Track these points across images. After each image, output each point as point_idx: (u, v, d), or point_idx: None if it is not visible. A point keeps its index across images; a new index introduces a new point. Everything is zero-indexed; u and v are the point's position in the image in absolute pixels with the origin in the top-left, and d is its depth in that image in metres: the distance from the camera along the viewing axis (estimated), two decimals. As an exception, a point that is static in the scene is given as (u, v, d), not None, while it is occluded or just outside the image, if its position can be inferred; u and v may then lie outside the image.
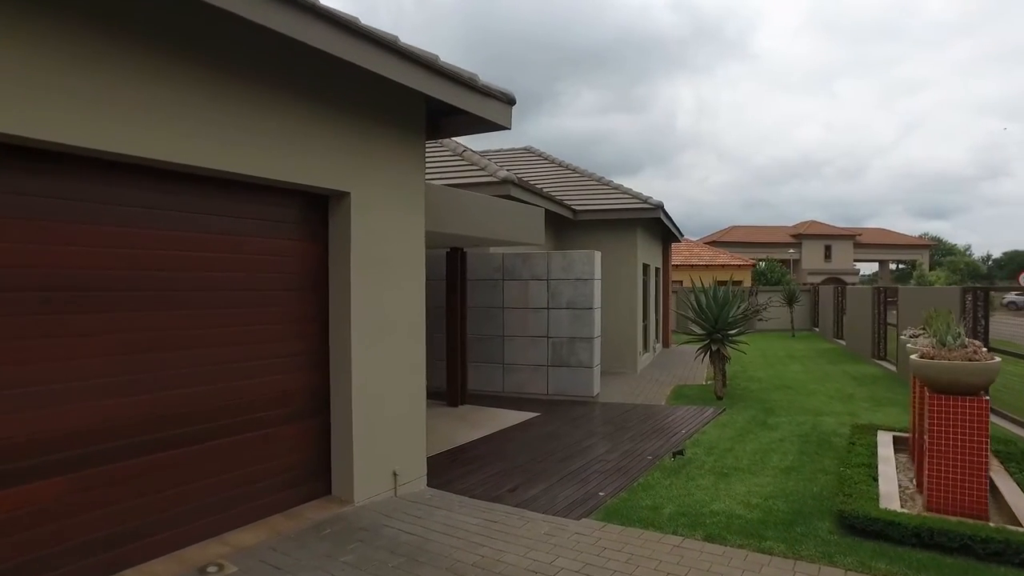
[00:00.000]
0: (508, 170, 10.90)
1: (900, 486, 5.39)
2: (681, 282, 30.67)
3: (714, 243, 47.12)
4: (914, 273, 54.71)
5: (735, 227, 58.84)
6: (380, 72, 4.44)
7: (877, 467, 5.74)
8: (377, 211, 5.19)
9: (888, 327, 15.04)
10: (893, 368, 13.47)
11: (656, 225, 16.74)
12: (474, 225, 7.32)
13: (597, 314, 10.34)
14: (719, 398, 10.49)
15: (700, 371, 14.27)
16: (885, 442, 6.68)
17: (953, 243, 72.62)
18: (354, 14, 4.18)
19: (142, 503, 3.89)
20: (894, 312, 15.20)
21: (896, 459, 6.18)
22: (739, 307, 11.02)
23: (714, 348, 10.56)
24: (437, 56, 4.91)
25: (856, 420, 8.54)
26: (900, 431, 7.20)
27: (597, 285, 10.32)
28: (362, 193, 5.02)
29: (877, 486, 5.25)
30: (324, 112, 4.68)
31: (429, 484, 5.79)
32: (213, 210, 4.29)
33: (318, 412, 5.05)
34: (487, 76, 5.31)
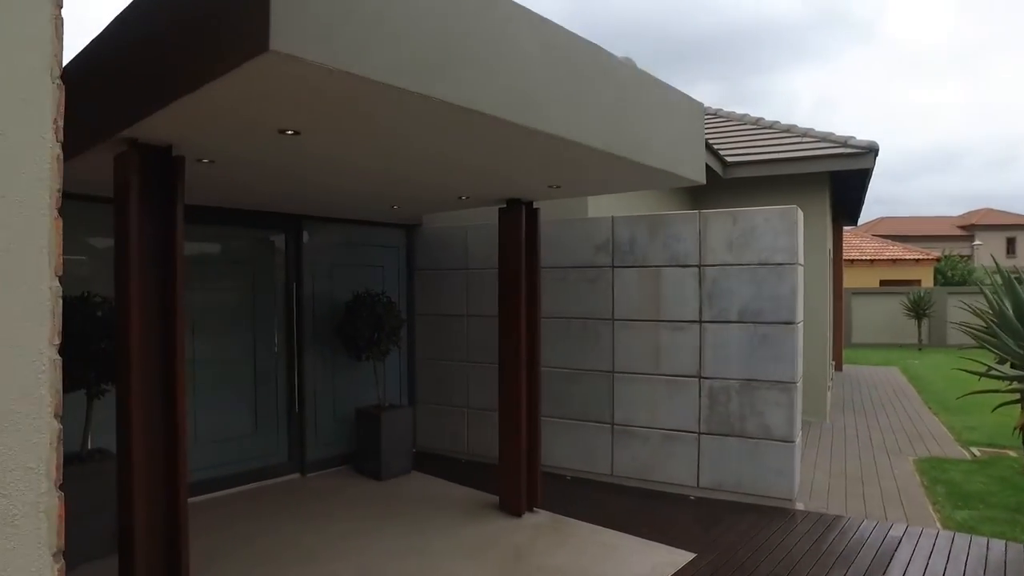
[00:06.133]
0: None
1: None
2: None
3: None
4: None
5: (884, 218, 49.87)
6: None
7: None
8: None
9: None
10: None
11: (843, 190, 10.96)
12: (516, 99, 2.52)
13: (799, 333, 5.18)
14: (1059, 509, 5.03)
15: (926, 417, 8.75)
16: None
17: None
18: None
19: None
20: None
21: None
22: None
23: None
24: None
25: None
26: None
27: (799, 275, 5.17)
28: None
29: None
30: None
31: None
32: None
33: None
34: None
